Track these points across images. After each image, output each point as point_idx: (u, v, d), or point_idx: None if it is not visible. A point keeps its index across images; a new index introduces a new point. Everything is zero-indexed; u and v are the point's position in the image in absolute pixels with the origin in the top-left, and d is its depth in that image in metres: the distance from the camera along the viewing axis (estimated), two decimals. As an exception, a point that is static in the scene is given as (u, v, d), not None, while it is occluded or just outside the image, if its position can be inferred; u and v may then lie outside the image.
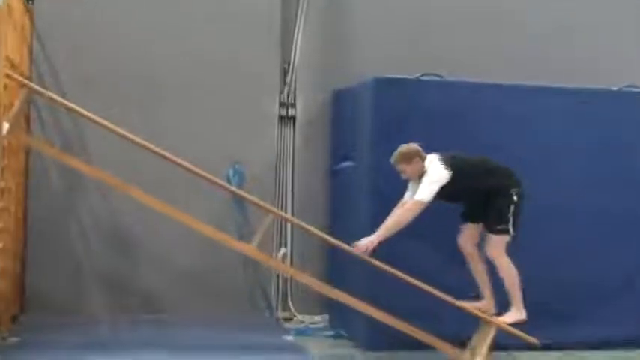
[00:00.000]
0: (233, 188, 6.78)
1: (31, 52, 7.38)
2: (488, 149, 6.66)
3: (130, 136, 5.96)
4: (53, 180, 7.45)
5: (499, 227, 6.28)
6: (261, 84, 7.96)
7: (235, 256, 6.88)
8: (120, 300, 7.60)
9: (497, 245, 6.31)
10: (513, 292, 6.37)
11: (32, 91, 6.08)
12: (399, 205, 6.36)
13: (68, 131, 7.48)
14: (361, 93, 7.47)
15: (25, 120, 7.14)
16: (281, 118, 8.12)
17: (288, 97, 8.14)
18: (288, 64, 8.17)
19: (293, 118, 8.17)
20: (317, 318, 8.03)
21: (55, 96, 6.24)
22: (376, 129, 7.14)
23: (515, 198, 6.28)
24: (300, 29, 8.17)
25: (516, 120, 7.21)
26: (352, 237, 6.48)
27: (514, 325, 6.35)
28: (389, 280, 6.31)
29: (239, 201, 7.45)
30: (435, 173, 6.21)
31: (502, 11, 8.57)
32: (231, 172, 7.71)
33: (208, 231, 6.15)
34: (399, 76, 7.18)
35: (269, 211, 6.50)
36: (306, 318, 8.05)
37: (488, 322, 6.32)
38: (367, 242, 6.16)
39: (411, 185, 6.36)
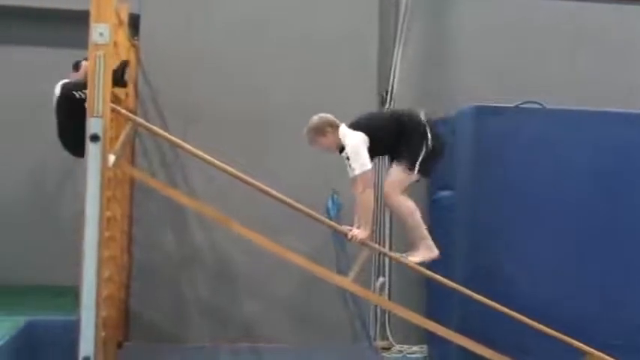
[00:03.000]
0: (331, 222, 6.80)
1: (136, 87, 7.59)
2: (589, 178, 6.51)
3: (230, 169, 6.05)
4: (156, 211, 7.61)
5: (405, 160, 6.00)
6: (358, 111, 7.94)
7: (335, 287, 6.87)
8: (220, 329, 7.69)
9: (395, 179, 6.00)
10: (419, 230, 6.09)
11: (137, 124, 6.25)
12: None
13: (171, 164, 7.65)
14: (460, 121, 7.40)
15: (130, 152, 7.34)
16: (379, 149, 8.10)
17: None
18: (386, 93, 8.17)
19: (391, 148, 8.14)
20: (415, 348, 7.95)
21: (158, 130, 6.38)
22: (476, 158, 7.08)
23: (430, 144, 5.98)
24: (398, 59, 8.17)
25: (617, 148, 7.02)
26: (451, 268, 6.42)
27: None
28: (487, 312, 6.20)
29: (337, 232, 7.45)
30: (353, 140, 5.94)
31: (604, 38, 8.39)
32: (330, 203, 7.73)
33: (306, 264, 6.18)
34: (498, 104, 7.09)
35: (367, 244, 6.47)
36: (405, 348, 7.98)
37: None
38: (363, 238, 5.97)
39: None
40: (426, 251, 6.10)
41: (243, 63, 7.79)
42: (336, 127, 6.07)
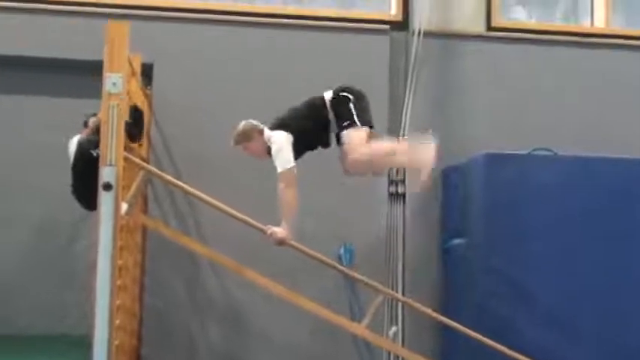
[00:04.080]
0: (343, 268, 6.80)
1: (148, 135, 7.65)
2: (603, 225, 6.48)
3: (243, 216, 6.07)
4: (169, 258, 7.60)
5: (345, 123, 5.90)
6: (371, 162, 8.00)
7: (348, 333, 6.83)
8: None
9: (349, 142, 5.84)
10: (398, 153, 5.92)
11: (149, 173, 6.28)
12: None
13: (184, 212, 7.67)
14: (471, 169, 7.41)
15: (142, 200, 7.37)
16: (391, 195, 8.11)
17: (397, 174, 8.14)
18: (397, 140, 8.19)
19: (403, 195, 8.15)
20: (430, 396, 7.86)
21: (171, 178, 6.42)
22: (488, 205, 7.07)
23: (351, 96, 5.94)
24: (409, 106, 8.20)
25: (631, 195, 7.00)
26: (466, 316, 6.37)
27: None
28: (501, 359, 6.14)
29: (350, 280, 7.44)
30: (277, 140, 5.92)
31: (614, 86, 8.42)
32: (342, 251, 7.73)
33: (319, 311, 6.15)
34: (509, 151, 7.10)
35: (380, 291, 6.46)
36: (419, 397, 7.88)
37: None
38: (282, 237, 5.88)
39: None
40: (423, 154, 5.91)
41: (255, 112, 7.79)
42: (260, 131, 6.08)
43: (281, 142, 5.92)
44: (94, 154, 6.01)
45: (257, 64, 7.92)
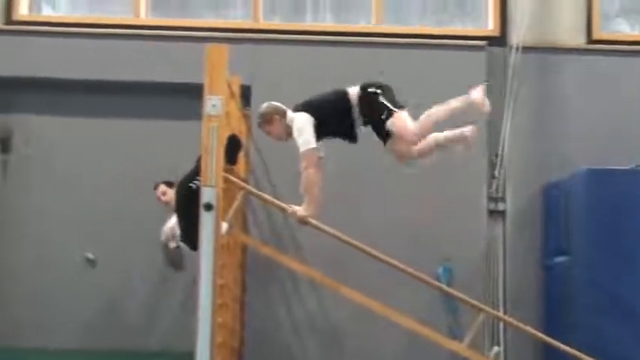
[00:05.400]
0: (443, 286, 6.73)
1: (247, 156, 7.76)
2: None
3: (340, 235, 6.09)
4: (268, 277, 7.69)
5: (383, 115, 5.87)
6: (469, 179, 7.92)
7: (446, 354, 6.75)
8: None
9: (399, 126, 5.84)
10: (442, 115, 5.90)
11: (248, 193, 6.37)
12: None
13: (281, 230, 7.75)
14: (574, 185, 7.27)
15: (242, 220, 7.47)
16: (491, 212, 8.00)
17: (497, 191, 8.03)
18: (496, 157, 8.08)
19: (503, 213, 8.03)
20: (533, 419, 7.69)
21: (269, 197, 6.50)
22: (591, 222, 6.92)
23: (376, 89, 5.95)
24: (508, 122, 8.08)
25: None
26: (569, 334, 6.23)
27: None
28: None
29: (449, 299, 7.36)
30: (298, 121, 5.92)
31: None
32: (440, 270, 7.66)
33: (419, 329, 6.11)
34: (612, 166, 6.93)
35: (480, 310, 6.37)
36: (523, 418, 7.73)
37: None
38: (302, 215, 5.92)
39: None
40: (473, 96, 5.96)
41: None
42: (282, 113, 6.08)
43: (302, 123, 5.94)
44: (194, 187, 6.12)
45: (354, 83, 7.91)
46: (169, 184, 7.09)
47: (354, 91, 6.09)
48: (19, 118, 8.11)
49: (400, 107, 5.95)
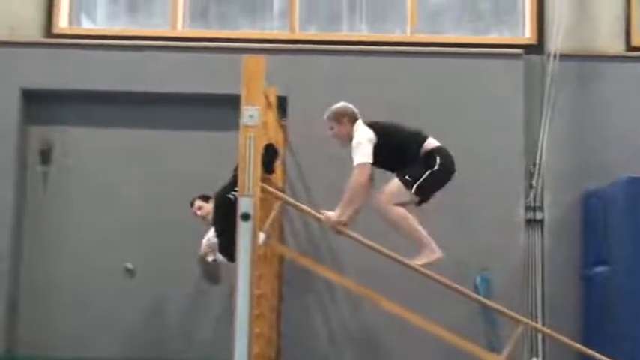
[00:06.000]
0: (481, 297, 6.68)
1: (284, 166, 7.79)
2: None
3: (377, 246, 6.09)
4: (305, 287, 7.69)
5: (404, 177, 5.95)
6: (506, 188, 7.87)
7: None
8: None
9: (392, 190, 5.93)
10: (415, 234, 5.95)
11: (285, 203, 6.39)
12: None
13: (318, 240, 7.76)
14: (613, 194, 7.20)
15: (279, 230, 7.49)
16: (528, 222, 7.94)
17: (534, 200, 7.96)
18: (534, 166, 8.02)
19: (541, 222, 7.96)
20: None
21: (306, 208, 6.51)
22: (631, 231, 6.85)
23: (437, 166, 5.97)
24: (546, 130, 8.02)
25: None
26: (610, 345, 6.15)
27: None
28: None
29: (486, 310, 7.30)
30: (361, 134, 6.01)
31: None
32: (478, 280, 7.61)
33: (457, 341, 6.07)
34: (653, 175, 6.86)
35: (519, 321, 6.32)
36: None
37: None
38: (333, 221, 6.01)
39: None
40: (428, 253, 6.03)
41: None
42: (353, 119, 6.17)
43: (365, 137, 6.03)
44: (232, 198, 6.15)
45: (391, 92, 7.94)
46: (205, 199, 7.13)
47: (431, 144, 6.14)
48: (59, 130, 8.22)
49: (418, 193, 6.00)
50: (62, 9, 8.44)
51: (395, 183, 6.04)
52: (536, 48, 8.27)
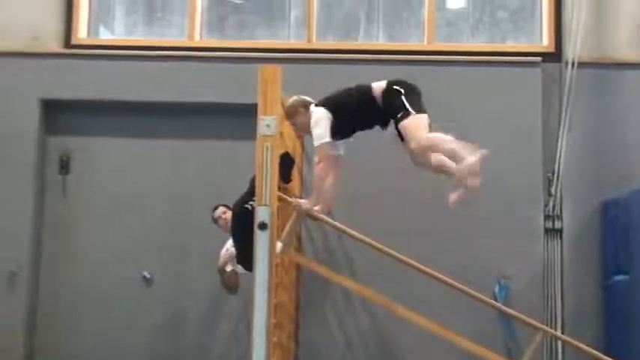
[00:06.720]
0: (500, 305, 6.66)
1: (301, 175, 7.79)
2: None
3: (395, 253, 6.08)
4: (323, 296, 7.68)
5: (399, 114, 5.88)
6: (525, 197, 7.83)
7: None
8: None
9: (410, 130, 5.84)
10: (452, 146, 5.74)
11: (303, 212, 6.38)
12: None
13: (336, 249, 7.75)
14: (632, 202, 7.16)
15: (296, 239, 7.49)
16: (547, 230, 7.89)
17: (553, 209, 7.92)
18: (552, 174, 7.98)
19: (560, 231, 7.91)
20: None
21: (324, 217, 6.51)
22: (651, 240, 6.79)
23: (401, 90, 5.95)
24: (564, 139, 7.98)
25: None
26: (630, 355, 6.09)
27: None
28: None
29: (505, 318, 7.27)
30: (315, 115, 6.01)
31: None
32: (497, 289, 7.57)
33: (475, 348, 6.05)
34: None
35: (538, 329, 6.28)
36: None
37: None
38: (306, 208, 6.08)
39: None
40: (472, 151, 5.77)
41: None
42: (307, 106, 6.17)
43: (318, 117, 6.04)
44: (250, 208, 6.16)
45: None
46: (228, 207, 7.15)
47: (379, 85, 6.13)
48: (77, 140, 8.26)
49: (419, 111, 5.96)
50: (81, 20, 8.49)
51: (404, 126, 5.94)
52: (554, 56, 8.23)
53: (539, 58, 8.13)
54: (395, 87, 6.07)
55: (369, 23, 8.64)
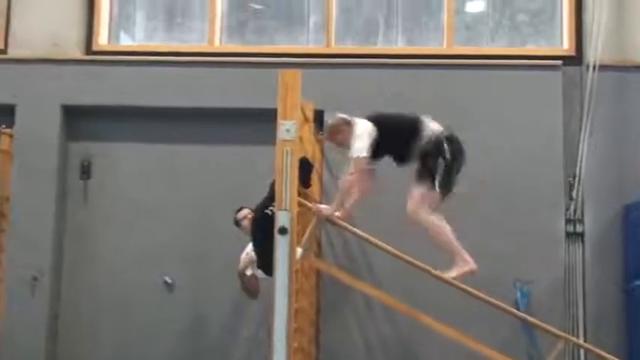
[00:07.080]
0: (520, 313, 6.61)
1: (321, 180, 7.78)
2: None
3: (415, 261, 6.06)
4: (343, 302, 7.67)
5: (422, 178, 5.90)
6: (546, 201, 7.79)
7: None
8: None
9: (417, 198, 5.90)
10: (451, 246, 5.86)
11: (323, 217, 6.38)
12: None
13: (356, 255, 7.73)
14: (655, 206, 7.10)
15: (316, 244, 7.48)
16: (568, 235, 7.84)
17: (575, 213, 7.87)
18: (574, 178, 7.94)
19: (581, 235, 7.86)
20: None
21: (343, 223, 6.49)
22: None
23: (447, 158, 5.92)
24: (585, 142, 7.93)
25: None
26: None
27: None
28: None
29: (527, 324, 7.22)
30: (358, 127, 6.03)
31: None
32: (518, 295, 7.53)
33: (497, 356, 6.02)
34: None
35: (559, 336, 6.24)
36: None
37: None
38: (326, 214, 6.11)
39: None
40: (462, 265, 5.98)
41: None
42: (349, 123, 6.21)
43: (362, 130, 6.09)
44: (270, 213, 6.16)
45: (428, 106, 7.81)
46: (252, 210, 7.15)
47: (431, 128, 6.13)
48: (98, 146, 8.31)
49: (440, 186, 5.98)
50: (102, 26, 8.55)
51: (417, 189, 6.05)
52: (575, 59, 8.19)
53: (559, 62, 8.09)
54: (443, 147, 6.04)
55: (388, 28, 8.63)
